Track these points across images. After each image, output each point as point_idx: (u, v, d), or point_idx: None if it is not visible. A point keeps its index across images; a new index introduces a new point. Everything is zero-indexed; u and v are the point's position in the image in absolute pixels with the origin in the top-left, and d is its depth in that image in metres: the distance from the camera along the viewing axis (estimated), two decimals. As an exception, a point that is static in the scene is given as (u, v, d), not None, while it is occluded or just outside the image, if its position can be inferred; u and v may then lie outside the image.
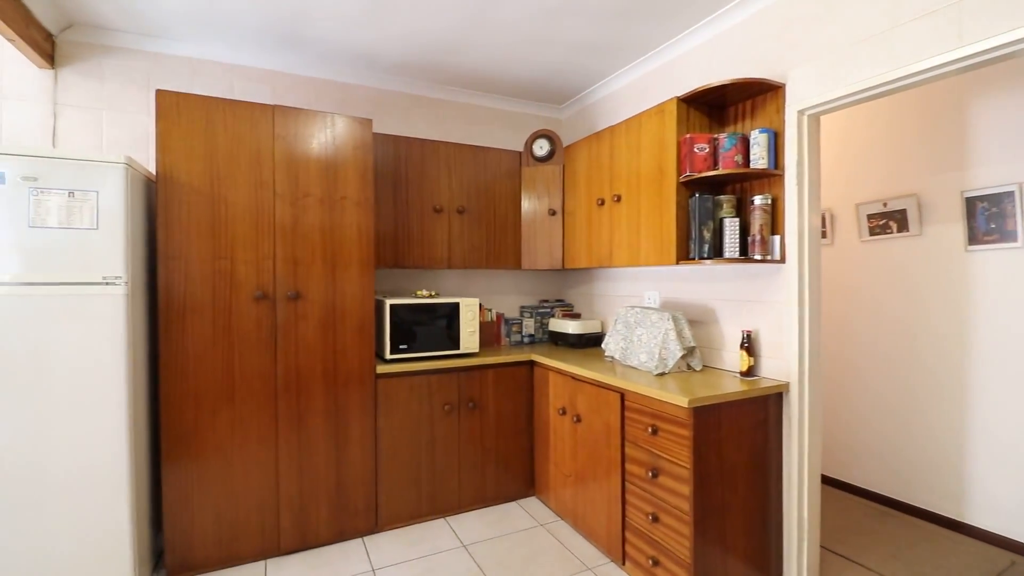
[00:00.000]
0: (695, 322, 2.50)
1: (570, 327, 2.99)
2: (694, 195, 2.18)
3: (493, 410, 2.76)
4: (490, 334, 3.16)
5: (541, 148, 3.04)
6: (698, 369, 2.30)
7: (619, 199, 2.55)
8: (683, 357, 2.26)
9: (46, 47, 2.27)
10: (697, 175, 2.13)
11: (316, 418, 2.35)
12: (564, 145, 3.08)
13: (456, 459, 2.67)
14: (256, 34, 2.50)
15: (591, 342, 3.02)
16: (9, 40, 2.02)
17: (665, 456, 1.93)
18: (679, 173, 2.20)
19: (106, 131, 2.46)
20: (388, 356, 2.55)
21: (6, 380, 1.73)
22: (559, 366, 2.57)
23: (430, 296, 2.75)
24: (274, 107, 2.25)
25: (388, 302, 2.55)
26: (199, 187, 2.12)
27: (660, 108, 2.28)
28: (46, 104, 2.35)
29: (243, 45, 2.62)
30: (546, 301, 3.46)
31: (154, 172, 2.37)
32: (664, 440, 1.93)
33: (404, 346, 2.58)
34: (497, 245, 3.05)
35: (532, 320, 3.29)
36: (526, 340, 3.29)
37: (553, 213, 3.04)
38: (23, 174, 1.72)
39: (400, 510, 2.54)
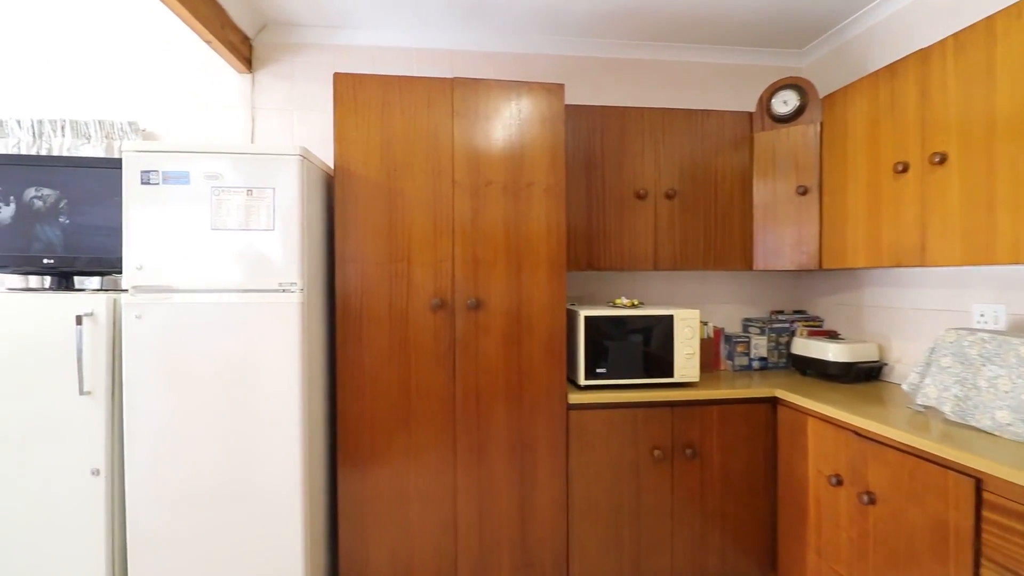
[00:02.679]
0: (1112, 361, 1.45)
1: (831, 352, 2.11)
2: None
3: (718, 461, 2.05)
4: (707, 355, 2.43)
5: (785, 103, 2.21)
6: None
7: (943, 160, 1.63)
8: (1108, 425, 1.28)
9: (243, 50, 2.25)
10: None
11: (498, 452, 1.94)
12: (820, 96, 2.21)
13: (668, 521, 2.03)
14: (436, 7, 2.20)
15: (863, 375, 2.10)
16: (206, 41, 1.99)
17: (1114, 620, 1.03)
18: (1106, 99, 1.24)
19: (296, 131, 2.40)
20: (582, 382, 2.02)
21: (186, 390, 1.62)
22: (827, 412, 1.75)
23: (632, 306, 2.16)
24: (452, 80, 1.89)
25: (582, 313, 2.02)
26: (375, 179, 1.86)
27: (1054, -6, 1.34)
28: (246, 108, 2.35)
29: (423, 25, 2.36)
30: (780, 313, 2.59)
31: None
32: (1111, 589, 1.04)
33: (602, 370, 2.03)
34: (719, 238, 2.32)
35: (764, 338, 2.46)
36: (755, 365, 2.47)
37: (803, 192, 2.19)
38: (206, 172, 1.59)
39: (596, 578, 2.00)
